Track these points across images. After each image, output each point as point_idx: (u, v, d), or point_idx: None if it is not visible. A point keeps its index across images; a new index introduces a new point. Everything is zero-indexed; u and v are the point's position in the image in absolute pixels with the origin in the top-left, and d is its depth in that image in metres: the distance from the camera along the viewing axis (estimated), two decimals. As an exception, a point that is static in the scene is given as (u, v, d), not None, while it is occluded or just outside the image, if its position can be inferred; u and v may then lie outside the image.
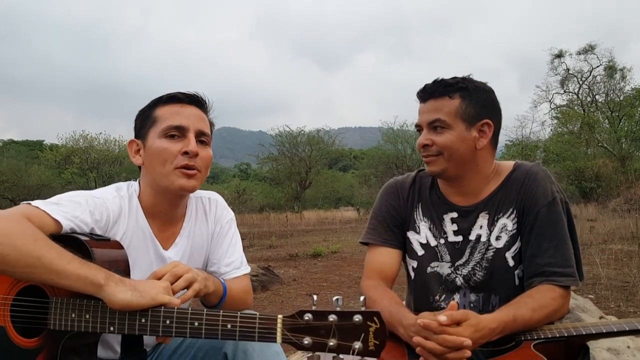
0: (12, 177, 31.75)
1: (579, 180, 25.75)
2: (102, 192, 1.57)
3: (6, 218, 1.29)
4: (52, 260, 1.23)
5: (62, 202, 1.42)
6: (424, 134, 1.70)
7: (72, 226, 1.39)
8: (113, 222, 1.52)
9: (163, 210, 1.63)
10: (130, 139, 1.65)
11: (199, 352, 1.59)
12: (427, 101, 1.70)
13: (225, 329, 1.21)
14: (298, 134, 36.68)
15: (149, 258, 1.60)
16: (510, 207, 1.71)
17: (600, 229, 12.97)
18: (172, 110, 1.58)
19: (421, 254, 1.80)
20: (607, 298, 5.87)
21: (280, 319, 1.17)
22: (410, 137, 32.42)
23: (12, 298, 1.37)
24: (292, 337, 1.15)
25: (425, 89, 1.71)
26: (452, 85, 1.67)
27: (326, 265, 9.94)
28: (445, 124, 1.65)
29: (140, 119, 1.63)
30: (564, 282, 1.60)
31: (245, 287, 1.72)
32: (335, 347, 1.12)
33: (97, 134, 35.31)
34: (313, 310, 1.15)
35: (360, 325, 1.11)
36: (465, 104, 1.66)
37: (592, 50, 32.58)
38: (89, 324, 1.29)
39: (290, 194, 37.25)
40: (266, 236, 16.01)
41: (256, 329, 1.19)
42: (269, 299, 6.93)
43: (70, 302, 1.31)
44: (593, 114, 31.10)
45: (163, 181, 1.55)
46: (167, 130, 1.55)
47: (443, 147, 1.66)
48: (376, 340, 1.11)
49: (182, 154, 1.54)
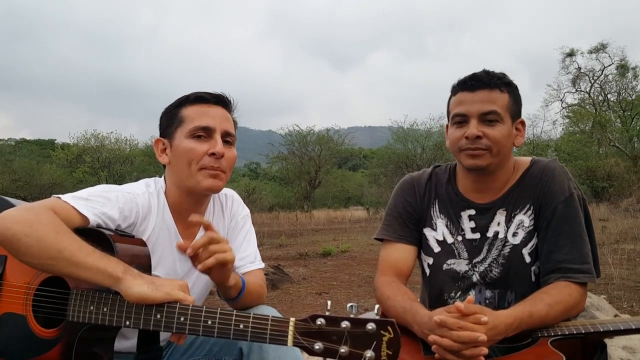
0: (25, 176, 32.04)
1: (590, 180, 25.55)
2: (132, 187, 1.59)
3: (32, 209, 1.32)
4: (72, 252, 1.26)
5: (92, 197, 1.44)
6: (474, 125, 1.63)
7: (98, 222, 1.42)
8: (142, 218, 1.55)
9: (188, 208, 1.64)
10: (156, 137, 1.66)
11: (215, 347, 1.60)
12: (477, 90, 1.64)
13: (237, 329, 1.21)
14: (308, 133, 36.68)
15: (173, 255, 1.62)
16: (527, 203, 1.70)
17: (612, 228, 12.87)
18: (199, 110, 1.60)
19: (437, 251, 1.79)
20: (619, 298, 5.82)
21: (293, 322, 1.15)
22: (421, 137, 32.32)
23: (35, 288, 1.41)
24: (304, 341, 1.13)
25: (477, 77, 1.66)
26: (502, 79, 1.65)
27: (336, 264, 9.94)
28: (500, 117, 1.63)
29: (166, 118, 1.65)
30: (581, 279, 1.58)
31: (260, 281, 1.72)
32: (347, 354, 1.09)
33: (108, 133, 35.57)
34: (326, 315, 1.13)
35: (373, 333, 1.09)
36: (511, 100, 1.65)
37: (603, 49, 32.29)
38: (106, 317, 1.30)
39: (300, 193, 37.26)
40: (276, 235, 16.04)
41: (268, 331, 1.18)
42: (279, 297, 6.94)
43: (90, 295, 1.32)
44: (605, 113, 30.84)
45: (189, 181, 1.58)
46: (194, 130, 1.56)
47: (494, 142, 1.63)
48: (389, 350, 1.08)
49: (209, 154, 1.56)
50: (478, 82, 1.64)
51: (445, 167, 1.90)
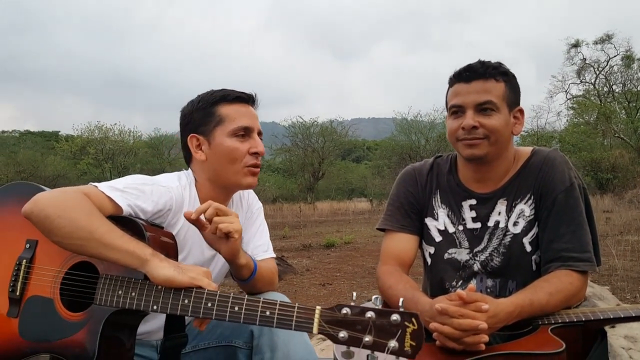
0: (29, 168, 32.15)
1: (595, 171, 25.49)
2: (167, 180, 1.63)
3: (66, 192, 1.38)
4: (103, 234, 1.31)
5: (127, 189, 1.48)
6: (470, 116, 1.65)
7: (131, 212, 1.46)
8: (175, 211, 1.59)
9: (218, 202, 1.66)
10: (191, 134, 1.68)
11: (226, 330, 1.63)
12: (473, 81, 1.65)
13: (264, 316, 1.23)
14: (311, 124, 36.66)
15: (202, 247, 1.65)
16: (528, 192, 1.71)
17: (616, 220, 12.86)
18: (239, 110, 1.67)
19: (439, 240, 1.80)
20: (623, 289, 5.83)
21: (319, 310, 1.17)
22: (424, 128, 32.26)
23: (65, 272, 1.45)
24: (329, 329, 1.15)
25: (472, 68, 1.67)
26: (497, 69, 1.66)
27: (339, 255, 9.97)
28: (495, 107, 1.64)
29: (199, 114, 1.68)
30: (581, 267, 1.59)
31: (272, 268, 1.77)
32: (371, 343, 1.11)
33: (112, 125, 35.62)
34: (352, 305, 1.15)
35: (398, 324, 1.10)
36: (507, 89, 1.66)
37: (609, 40, 32.11)
38: (134, 301, 1.33)
39: (304, 184, 37.30)
40: (279, 227, 16.08)
41: (294, 318, 1.20)
42: (283, 288, 6.97)
43: (119, 279, 1.36)
44: (610, 105, 30.69)
45: (232, 178, 1.65)
46: (238, 130, 1.64)
47: (491, 131, 1.64)
48: (413, 341, 1.09)
49: (251, 153, 1.65)
50: (473, 72, 1.66)
51: (447, 157, 1.91)
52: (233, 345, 1.61)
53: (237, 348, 1.60)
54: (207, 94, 1.70)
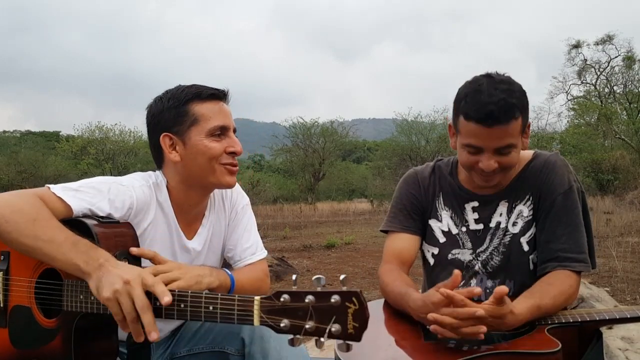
0: (30, 168, 32.21)
1: (595, 172, 25.49)
2: (130, 180, 1.57)
3: (18, 196, 1.34)
4: (44, 242, 1.26)
5: (82, 188, 1.44)
6: (489, 157, 1.60)
7: (85, 212, 1.41)
8: (137, 210, 1.52)
9: (192, 204, 1.65)
10: (163, 133, 1.58)
11: (218, 336, 1.62)
12: (495, 126, 1.55)
13: (207, 311, 1.19)
14: (312, 125, 36.68)
15: (173, 249, 1.63)
16: (527, 194, 1.73)
17: (616, 221, 12.85)
18: (213, 108, 1.59)
19: (443, 241, 1.82)
20: (623, 291, 5.84)
21: (258, 300, 1.11)
22: (425, 129, 32.25)
23: (35, 280, 1.43)
24: (268, 320, 1.09)
25: (493, 115, 1.53)
26: (515, 107, 1.55)
27: (340, 256, 9.97)
28: (514, 145, 1.60)
29: (172, 113, 1.58)
30: (577, 268, 1.62)
31: (258, 275, 1.72)
32: (313, 329, 1.04)
33: (112, 125, 35.66)
34: (290, 291, 1.08)
35: (338, 306, 1.02)
36: (523, 119, 1.60)
37: (610, 41, 32.12)
38: (94, 306, 1.30)
39: (304, 185, 37.32)
40: (280, 227, 16.08)
41: (235, 311, 1.15)
42: (283, 289, 6.96)
43: (79, 284, 1.32)
44: (611, 106, 30.70)
45: (210, 179, 1.58)
46: (214, 130, 1.56)
47: (510, 165, 1.64)
48: (355, 322, 1.01)
49: (228, 153, 1.59)
50: (495, 120, 1.55)
51: (448, 160, 1.94)
52: (225, 352, 1.59)
53: (229, 354, 1.58)
54: (178, 90, 1.60)
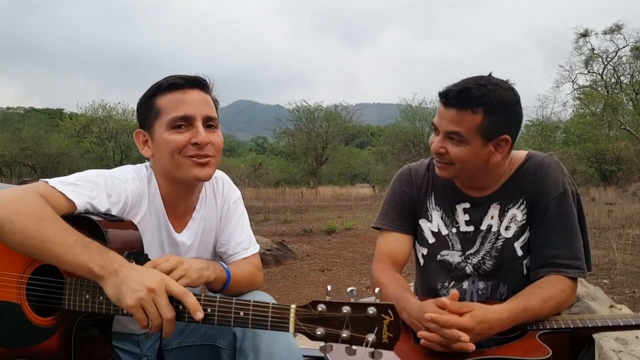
0: (33, 145, 32.24)
1: (599, 163, 25.38)
2: (122, 172, 1.54)
3: (19, 194, 1.29)
4: (54, 244, 1.23)
5: (79, 182, 1.40)
6: (439, 140, 1.64)
7: (87, 207, 1.38)
8: (132, 204, 1.50)
9: (179, 198, 1.62)
10: (137, 129, 1.59)
11: (210, 330, 1.61)
12: (449, 108, 1.59)
13: (238, 317, 1.20)
14: (315, 109, 36.57)
15: (161, 241, 1.61)
16: (521, 198, 1.70)
17: (618, 213, 12.83)
18: (174, 98, 1.51)
19: (432, 242, 1.81)
20: (622, 284, 5.84)
21: (294, 309, 1.15)
22: (429, 115, 32.06)
23: (28, 277, 1.37)
24: (305, 327, 1.13)
25: (448, 94, 1.59)
26: (477, 99, 1.55)
27: (340, 241, 10.01)
28: (463, 138, 1.59)
29: (142, 109, 1.56)
30: (571, 274, 1.60)
31: (252, 269, 1.71)
32: (348, 338, 1.10)
33: (115, 104, 35.58)
34: (327, 301, 1.13)
35: (374, 317, 1.09)
36: (487, 120, 1.56)
37: (618, 30, 31.71)
38: (103, 306, 1.28)
39: (306, 169, 37.32)
40: (281, 211, 16.11)
41: (269, 318, 1.18)
42: (282, 273, 7.02)
43: (85, 283, 1.30)
44: (617, 96, 30.43)
45: (176, 173, 1.52)
46: (173, 122, 1.49)
47: (456, 160, 1.62)
48: (390, 333, 1.09)
49: (192, 144, 1.50)
50: (449, 99, 1.59)
51: None
52: (217, 345, 1.59)
53: (220, 348, 1.58)
54: (153, 84, 1.56)
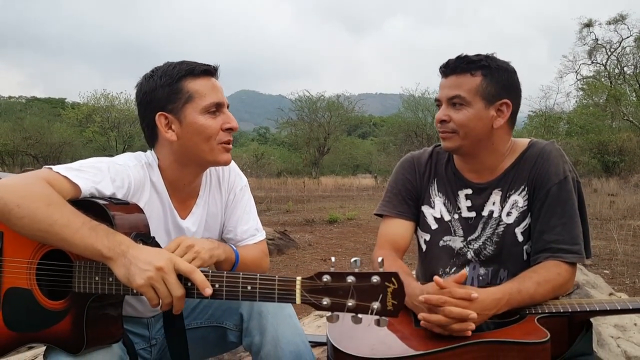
0: (35, 134, 32.22)
1: (601, 154, 25.33)
2: (123, 159, 1.56)
3: (25, 180, 1.30)
4: (61, 227, 1.24)
5: (83, 167, 1.42)
6: (442, 109, 1.70)
7: (92, 192, 1.40)
8: (135, 190, 1.52)
9: (186, 183, 1.64)
10: (159, 112, 1.55)
11: (217, 311, 1.65)
12: (449, 76, 1.69)
13: (245, 291, 1.24)
14: (318, 99, 36.47)
15: (167, 227, 1.63)
16: (522, 184, 1.72)
17: (620, 204, 12.85)
18: (207, 85, 1.56)
19: (434, 228, 1.83)
20: (622, 274, 5.86)
21: (299, 281, 1.19)
22: (432, 105, 31.95)
23: (37, 262, 1.39)
24: (311, 298, 1.17)
25: (447, 64, 1.69)
26: (475, 62, 1.65)
27: (342, 231, 10.04)
28: (465, 101, 1.65)
29: (166, 91, 1.55)
30: (570, 259, 1.62)
31: (259, 254, 1.74)
32: (354, 307, 1.13)
33: (118, 94, 35.45)
34: (331, 272, 1.16)
35: (378, 285, 1.12)
36: (486, 82, 1.65)
37: (622, 20, 31.44)
38: (112, 287, 1.31)
39: (309, 159, 37.29)
40: (283, 201, 16.14)
41: (276, 291, 1.21)
42: (284, 262, 7.06)
43: (94, 266, 1.32)
44: (620, 87, 30.27)
45: (207, 157, 1.57)
46: (210, 107, 1.54)
47: (459, 125, 1.66)
48: (394, 300, 1.12)
49: (224, 130, 1.57)
50: (447, 68, 1.69)
51: None
52: (223, 327, 1.63)
53: (227, 329, 1.62)
54: (169, 67, 1.57)
